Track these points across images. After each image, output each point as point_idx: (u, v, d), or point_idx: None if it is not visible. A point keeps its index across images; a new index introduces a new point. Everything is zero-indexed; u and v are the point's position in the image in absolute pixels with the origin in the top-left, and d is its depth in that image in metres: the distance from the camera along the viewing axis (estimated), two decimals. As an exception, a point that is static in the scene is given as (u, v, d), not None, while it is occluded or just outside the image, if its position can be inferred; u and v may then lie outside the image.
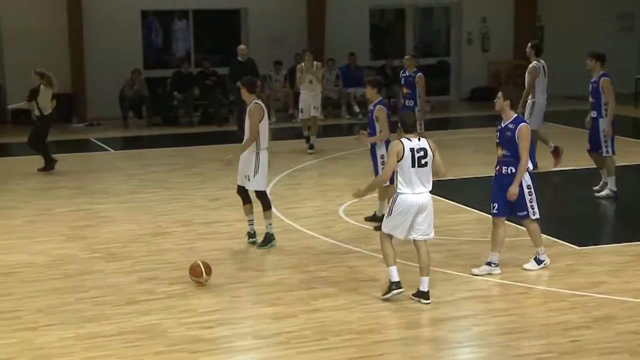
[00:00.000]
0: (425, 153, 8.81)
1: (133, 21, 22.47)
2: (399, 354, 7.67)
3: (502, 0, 24.85)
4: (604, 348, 7.72)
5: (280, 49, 22.38)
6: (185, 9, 23.35)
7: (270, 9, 23.02)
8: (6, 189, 14.80)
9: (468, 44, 25.13)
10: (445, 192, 13.21)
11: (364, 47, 23.99)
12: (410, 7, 25.35)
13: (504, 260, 10.22)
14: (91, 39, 21.56)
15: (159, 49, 24.83)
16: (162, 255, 10.79)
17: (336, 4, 23.21)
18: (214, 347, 7.90)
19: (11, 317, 8.69)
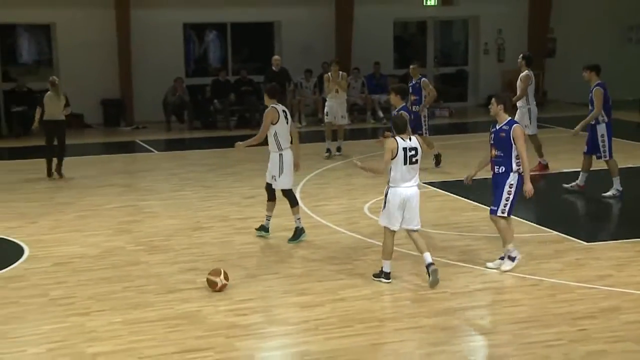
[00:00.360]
0: (416, 152, 9.08)
1: (176, 33, 22.57)
2: (418, 341, 7.67)
3: (516, 14, 24.72)
4: (609, 336, 7.70)
5: (310, 59, 22.40)
6: (223, 22, 23.42)
7: (302, 21, 23.04)
8: (60, 187, 14.92)
9: (484, 54, 25.06)
10: (462, 192, 13.21)
11: (388, 57, 23.94)
12: (431, 20, 25.30)
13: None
14: (138, 50, 21.66)
15: (199, 58, 24.94)
16: (201, 248, 10.85)
17: (362, 17, 23.16)
18: (248, 333, 7.94)
19: (65, 303, 8.78)
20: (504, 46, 24.91)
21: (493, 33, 25.00)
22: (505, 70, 24.81)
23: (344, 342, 7.67)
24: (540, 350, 7.41)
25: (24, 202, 13.50)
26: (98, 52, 21.49)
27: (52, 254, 10.59)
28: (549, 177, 13.61)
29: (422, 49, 25.47)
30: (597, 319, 8.14)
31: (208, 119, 21.87)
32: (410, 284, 9.32)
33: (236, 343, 7.69)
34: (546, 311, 8.36)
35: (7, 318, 8.37)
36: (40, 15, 21.66)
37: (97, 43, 21.46)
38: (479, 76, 25.05)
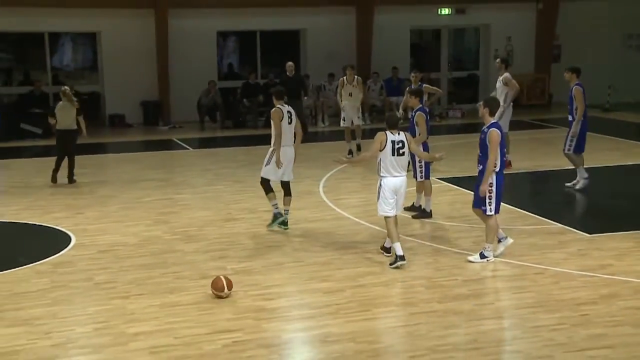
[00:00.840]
0: (403, 144, 9.40)
1: (210, 40, 22.64)
2: (432, 324, 7.65)
3: (525, 22, 24.61)
4: (609, 321, 7.66)
5: (333, 63, 22.37)
6: (253, 30, 23.46)
7: (325, 29, 23.05)
8: (104, 181, 15.02)
9: (495, 60, 24.91)
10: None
11: (405, 62, 23.87)
12: (445, 28, 25.23)
13: (525, 245, 10.17)
14: (174, 55, 21.75)
15: (231, 63, 24.99)
16: (232, 237, 10.88)
17: (381, 25, 23.11)
18: (274, 316, 7.97)
19: (108, 287, 8.85)
20: (513, 52, 24.80)
21: (502, 40, 24.89)
22: (514, 74, 24.61)
23: (362, 325, 7.68)
24: (545, 334, 7.37)
25: (70, 195, 13.59)
26: (138, 58, 21.62)
27: (97, 242, 10.66)
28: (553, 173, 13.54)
29: (437, 54, 25.41)
30: (597, 304, 8.11)
31: (238, 119, 21.92)
32: (424, 272, 9.31)
33: (263, 325, 7.72)
34: (550, 297, 8.33)
35: (57, 300, 8.45)
36: (87, 25, 21.83)
37: (137, 49, 21.60)
38: (489, 80, 24.86)
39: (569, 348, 7.08)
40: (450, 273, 9.18)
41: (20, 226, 11.71)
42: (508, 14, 24.43)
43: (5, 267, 9.52)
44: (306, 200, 12.92)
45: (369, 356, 6.95)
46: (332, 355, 6.98)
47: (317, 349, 7.20)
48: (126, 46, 21.58)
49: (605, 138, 18.56)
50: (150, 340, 7.32)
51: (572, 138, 13.04)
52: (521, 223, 11.31)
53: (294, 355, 7.22)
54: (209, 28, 22.43)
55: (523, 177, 14.02)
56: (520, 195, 13.07)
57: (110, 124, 22.02)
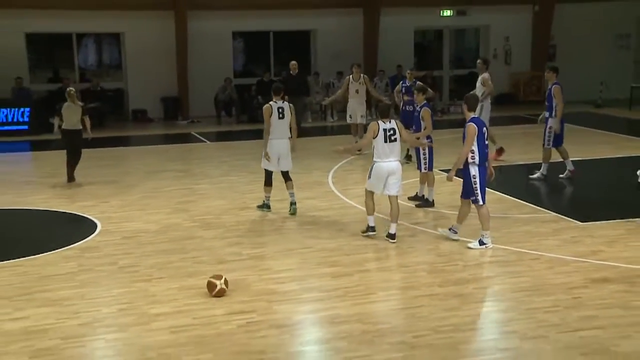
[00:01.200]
0: (394, 132, 9.66)
1: (226, 40, 22.64)
2: (433, 307, 7.66)
3: (522, 23, 24.52)
4: (599, 304, 7.66)
5: (341, 62, 22.33)
6: (267, 30, 23.44)
7: (334, 30, 23.02)
8: (126, 172, 15.07)
9: (494, 58, 24.80)
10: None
11: (409, 60, 23.78)
12: (447, 29, 25.14)
13: (520, 232, 10.16)
14: (193, 54, 21.77)
15: (246, 61, 24.97)
16: (247, 225, 10.90)
17: (387, 26, 23.06)
18: (286, 298, 7.98)
19: (131, 271, 8.89)
20: (511, 51, 24.74)
21: (501, 40, 24.82)
22: (512, 73, 24.68)
23: (368, 307, 7.70)
24: (540, 315, 7.38)
25: (96, 185, 13.64)
26: (159, 57, 21.65)
27: (121, 228, 10.70)
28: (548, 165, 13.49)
29: (439, 53, 25.34)
30: (589, 288, 8.10)
31: (253, 113, 21.91)
32: (426, 257, 9.31)
33: (275, 307, 7.74)
34: (545, 281, 8.32)
35: (84, 283, 8.49)
36: (112, 26, 21.88)
37: (158, 49, 21.63)
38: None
39: (562, 329, 7.08)
40: (451, 259, 9.18)
41: (50, 214, 11.77)
42: (506, 16, 24.34)
43: (36, 252, 9.57)
44: (316, 190, 12.94)
45: (374, 336, 6.97)
46: (340, 335, 7.00)
47: (325, 329, 7.22)
48: (148, 46, 21.61)
49: (597, 132, 18.52)
50: (170, 321, 7.36)
51: (550, 133, 13.07)
52: (517, 212, 11.29)
53: (304, 335, 7.24)
54: (225, 28, 22.42)
55: (519, 169, 13.99)
56: (517, 186, 13.04)
57: (134, 118, 22.09)
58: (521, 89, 24.37)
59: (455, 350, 6.67)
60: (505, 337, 7.00)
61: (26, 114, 19.74)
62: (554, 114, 13.07)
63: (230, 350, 6.71)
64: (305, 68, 22.12)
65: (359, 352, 6.63)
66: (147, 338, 6.99)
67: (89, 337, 7.09)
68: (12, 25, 20.44)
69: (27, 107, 19.75)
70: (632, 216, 10.71)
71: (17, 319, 7.49)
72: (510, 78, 24.57)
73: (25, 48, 21.10)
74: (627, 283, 8.26)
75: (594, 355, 6.55)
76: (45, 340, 6.97)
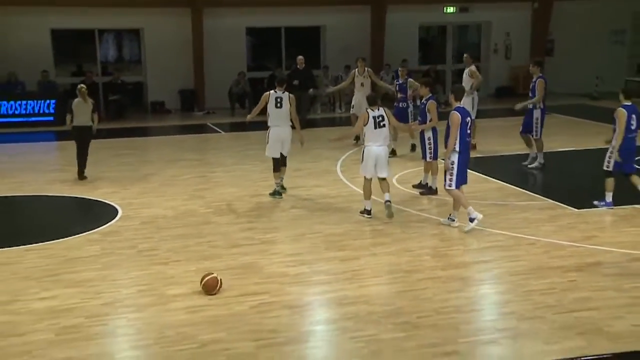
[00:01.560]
0: (382, 118, 10.02)
1: (239, 35, 22.59)
2: (436, 289, 7.66)
3: (522, 20, 24.38)
4: (593, 286, 7.65)
5: (349, 56, 22.23)
6: (279, 26, 23.37)
7: (343, 26, 22.95)
8: (146, 161, 15.11)
9: (494, 53, 24.77)
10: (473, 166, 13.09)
11: (414, 55, 23.75)
12: (450, 25, 25.01)
13: (519, 219, 10.14)
14: (208, 49, 21.75)
15: (259, 56, 24.90)
16: (259, 211, 10.91)
17: (393, 22, 22.97)
18: (296, 280, 7.99)
19: (150, 254, 8.92)
20: (511, 46, 24.62)
21: (502, 35, 24.70)
22: (512, 66, 24.56)
23: (374, 289, 7.71)
24: (537, 297, 7.37)
25: (117, 173, 13.68)
26: (177, 51, 21.64)
27: (140, 214, 10.73)
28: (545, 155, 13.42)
29: (442, 48, 25.23)
30: (583, 271, 8.09)
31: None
32: (429, 242, 9.31)
33: (287, 288, 7.75)
34: (542, 265, 8.31)
35: (106, 265, 8.53)
36: (132, 22, 21.86)
37: (176, 44, 21.63)
38: (489, 71, 24.73)
39: (558, 310, 7.07)
40: (453, 244, 9.17)
41: (74, 200, 11.81)
42: (507, 12, 24.21)
43: (62, 236, 9.62)
44: (325, 179, 12.93)
45: (380, 317, 6.97)
46: (347, 316, 7.01)
47: (334, 310, 7.23)
48: (166, 41, 21.61)
49: (592, 124, 18.41)
50: (187, 301, 7.39)
51: (537, 125, 13.05)
52: (515, 199, 11.26)
53: (313, 315, 7.25)
54: (238, 24, 22.38)
55: (518, 158, 13.92)
56: (515, 175, 13.01)
57: (152, 110, 22.11)
58: (520, 82, 24.20)
59: (456, 330, 6.68)
60: (504, 318, 7.00)
61: (52, 106, 19.77)
62: (539, 105, 13.08)
63: (242, 330, 6.73)
64: (315, 62, 22.05)
65: (365, 332, 6.64)
66: (164, 317, 7.02)
67: (110, 316, 7.13)
68: (38, 21, 20.51)
69: (52, 99, 19.79)
70: (624, 203, 10.65)
71: (44, 298, 7.54)
72: (510, 71, 24.48)
73: (50, 43, 21.14)
74: (620, 267, 8.25)
75: (588, 334, 6.54)
76: (70, 319, 7.02)
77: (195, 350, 6.35)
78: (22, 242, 9.37)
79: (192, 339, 6.55)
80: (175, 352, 6.33)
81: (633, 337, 6.51)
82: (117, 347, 6.57)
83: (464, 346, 6.38)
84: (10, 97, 19.53)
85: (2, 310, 7.27)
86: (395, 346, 6.36)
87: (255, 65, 23.93)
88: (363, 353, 6.27)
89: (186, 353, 6.29)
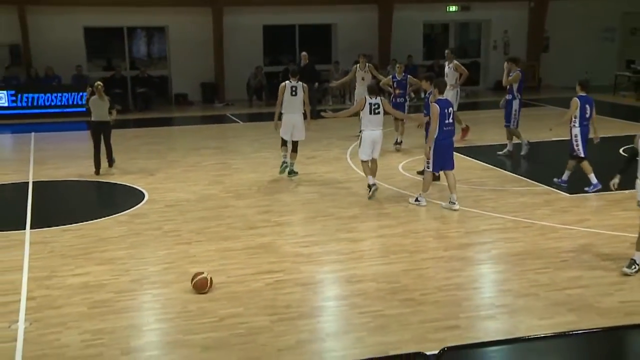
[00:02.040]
0: (378, 106, 10.27)
1: (257, 32, 22.49)
2: (438, 268, 7.65)
3: (519, 18, 24.16)
4: (584, 265, 7.62)
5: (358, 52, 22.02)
6: (293, 24, 23.27)
7: (352, 24, 22.82)
8: (170, 149, 15.09)
9: (493, 49, 24.55)
10: (474, 155, 13.05)
11: (418, 51, 23.60)
12: (452, 22, 24.82)
13: (516, 203, 10.08)
14: (228, 45, 21.69)
15: (274, 51, 24.78)
16: (274, 195, 10.90)
17: (399, 20, 22.81)
18: (309, 260, 7.99)
19: (173, 235, 8.94)
20: (509, 43, 24.41)
21: (500, 33, 24.48)
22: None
23: (381, 268, 7.69)
24: (532, 276, 7.34)
25: (144, 160, 13.69)
26: (199, 47, 21.57)
27: (165, 198, 10.74)
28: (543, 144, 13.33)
29: (445, 44, 24.94)
30: (576, 252, 8.06)
31: (281, 98, 21.82)
32: (432, 225, 9.28)
33: (300, 267, 7.75)
34: (537, 246, 8.27)
35: (134, 245, 8.56)
36: (158, 20, 21.80)
37: (198, 40, 21.56)
38: (488, 66, 24.57)
39: (551, 288, 7.04)
40: (454, 226, 9.14)
41: (105, 184, 11.84)
42: (505, 11, 24.02)
43: (94, 218, 9.66)
44: (335, 165, 12.90)
45: (386, 293, 6.96)
46: (356, 293, 7.00)
47: (343, 287, 7.22)
48: (189, 38, 21.56)
49: (585, 115, 18.20)
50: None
51: (515, 115, 13.01)
52: (513, 185, 11.20)
53: (325, 292, 7.25)
54: (256, 22, 22.27)
55: (516, 148, 13.81)
56: (514, 163, 12.93)
57: (176, 102, 22.08)
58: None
59: (457, 307, 6.66)
60: (502, 295, 6.97)
61: (84, 98, 19.78)
62: (516, 96, 13.04)
63: (259, 305, 6.73)
64: (326, 57, 21.88)
65: (372, 308, 6.63)
66: (187, 293, 7.03)
67: (137, 291, 7.15)
68: (72, 20, 20.53)
69: (85, 91, 19.80)
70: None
71: (78, 274, 7.58)
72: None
73: (83, 40, 21.14)
74: (609, 247, 8.20)
75: (578, 310, 6.52)
76: (101, 294, 7.05)
77: (215, 323, 6.36)
78: (60, 223, 9.42)
79: (212, 313, 6.57)
80: (196, 325, 6.34)
81: (620, 313, 6.49)
82: (143, 320, 6.59)
83: (465, 321, 6.36)
84: (47, 90, 19.63)
85: (41, 284, 7.32)
86: (400, 321, 6.35)
87: (271, 60, 23.85)
88: (370, 327, 6.26)
89: (207, 326, 6.31)
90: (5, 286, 7.29)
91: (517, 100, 13.12)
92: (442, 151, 9.78)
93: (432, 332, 6.14)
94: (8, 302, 6.87)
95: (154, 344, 6.09)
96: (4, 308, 6.75)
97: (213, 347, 5.93)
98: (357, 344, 5.95)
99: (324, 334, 6.21)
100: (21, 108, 19.32)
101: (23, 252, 8.29)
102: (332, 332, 6.31)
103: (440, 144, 9.71)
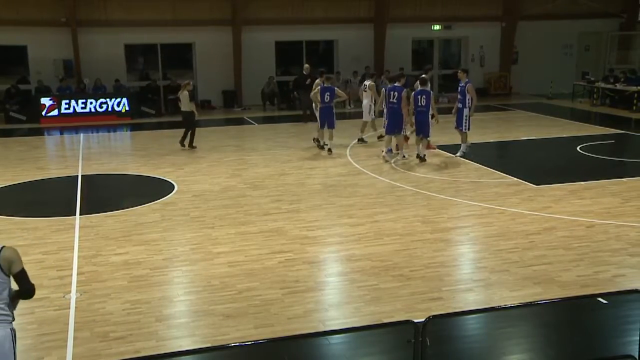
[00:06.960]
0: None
1: (270, 47, 22.41)
2: (425, 248, 7.61)
3: (493, 36, 24.05)
4: (548, 246, 7.57)
5: (357, 64, 22.18)
6: (301, 40, 23.17)
7: (352, 40, 22.71)
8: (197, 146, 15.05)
9: (472, 62, 24.44)
10: (455, 151, 12.95)
11: (408, 63, 23.45)
12: (437, 39, 24.68)
13: (491, 193, 10.03)
14: (246, 57, 21.62)
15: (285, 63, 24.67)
16: (285, 187, 10.86)
17: (391, 36, 22.72)
18: (315, 242, 7.96)
19: (199, 220, 8.91)
20: (485, 57, 24.31)
21: (477, 47, 24.36)
22: (485, 72, 24.25)
23: (377, 249, 7.65)
24: (505, 255, 7.30)
25: (174, 156, 13.66)
26: (221, 60, 21.50)
27: (192, 189, 10.71)
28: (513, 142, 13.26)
29: (430, 57, 24.88)
30: (541, 234, 8.00)
31: (290, 103, 21.76)
32: (420, 211, 9.22)
33: (307, 248, 7.72)
34: (508, 229, 8.22)
35: (165, 229, 8.54)
36: (186, 38, 21.72)
37: (220, 54, 21.49)
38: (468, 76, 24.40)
39: (520, 265, 7.00)
40: (439, 212, 9.08)
41: (142, 177, 11.82)
42: (481, 30, 23.90)
43: (133, 205, 9.66)
44: (337, 161, 12.86)
45: (381, 270, 6.94)
46: (355, 270, 6.98)
47: (344, 265, 7.20)
48: (212, 52, 21.49)
49: (547, 118, 18.16)
50: (228, 257, 7.38)
51: (466, 121, 12.71)
52: (488, 178, 11.14)
53: (328, 269, 7.21)
54: (269, 39, 22.18)
55: (491, 145, 13.75)
56: (489, 159, 12.85)
57: (202, 106, 21.96)
58: (492, 85, 24.04)
59: (440, 281, 6.62)
60: (478, 271, 6.93)
61: (123, 103, 19.80)
62: (467, 104, 12.63)
63: (272, 280, 6.71)
64: (329, 68, 21.76)
65: (368, 282, 6.61)
66: (211, 270, 7.01)
67: (169, 268, 7.14)
68: (115, 38, 20.52)
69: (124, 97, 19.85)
70: (573, 181, 10.51)
71: (119, 254, 7.57)
72: (483, 76, 24.17)
73: (123, 55, 21.12)
74: (568, 230, 8.15)
75: (543, 284, 6.48)
76: (139, 270, 7.04)
77: (235, 295, 6.34)
78: (104, 209, 9.42)
79: (232, 287, 6.55)
80: (219, 297, 6.33)
81: (577, 285, 6.46)
82: (174, 293, 6.57)
83: (447, 293, 6.32)
84: (96, 97, 19.69)
85: (89, 262, 7.31)
86: (392, 293, 6.32)
87: (282, 71, 23.75)
88: (367, 299, 6.23)
89: (227, 298, 6.29)
90: (61, 262, 7.30)
91: (468, 109, 12.66)
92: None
93: (420, 302, 6.11)
94: (63, 276, 6.88)
95: (183, 312, 6.08)
96: (60, 281, 6.76)
97: (233, 315, 5.92)
98: (356, 313, 5.93)
99: (327, 305, 6.19)
100: (73, 114, 19.33)
101: (74, 235, 8.29)
102: (334, 303, 6.28)
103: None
